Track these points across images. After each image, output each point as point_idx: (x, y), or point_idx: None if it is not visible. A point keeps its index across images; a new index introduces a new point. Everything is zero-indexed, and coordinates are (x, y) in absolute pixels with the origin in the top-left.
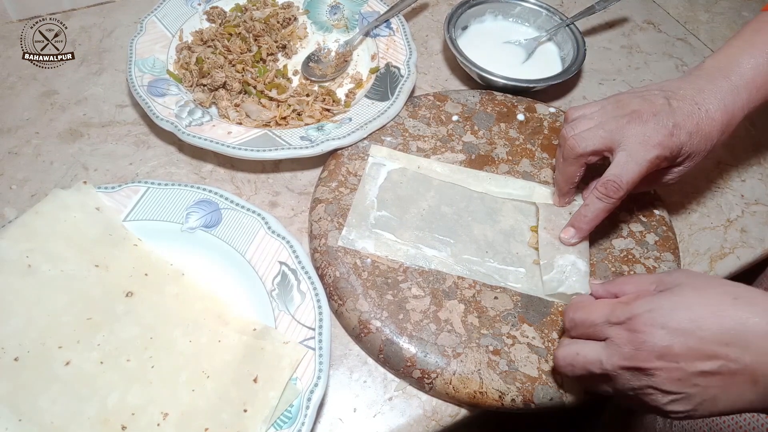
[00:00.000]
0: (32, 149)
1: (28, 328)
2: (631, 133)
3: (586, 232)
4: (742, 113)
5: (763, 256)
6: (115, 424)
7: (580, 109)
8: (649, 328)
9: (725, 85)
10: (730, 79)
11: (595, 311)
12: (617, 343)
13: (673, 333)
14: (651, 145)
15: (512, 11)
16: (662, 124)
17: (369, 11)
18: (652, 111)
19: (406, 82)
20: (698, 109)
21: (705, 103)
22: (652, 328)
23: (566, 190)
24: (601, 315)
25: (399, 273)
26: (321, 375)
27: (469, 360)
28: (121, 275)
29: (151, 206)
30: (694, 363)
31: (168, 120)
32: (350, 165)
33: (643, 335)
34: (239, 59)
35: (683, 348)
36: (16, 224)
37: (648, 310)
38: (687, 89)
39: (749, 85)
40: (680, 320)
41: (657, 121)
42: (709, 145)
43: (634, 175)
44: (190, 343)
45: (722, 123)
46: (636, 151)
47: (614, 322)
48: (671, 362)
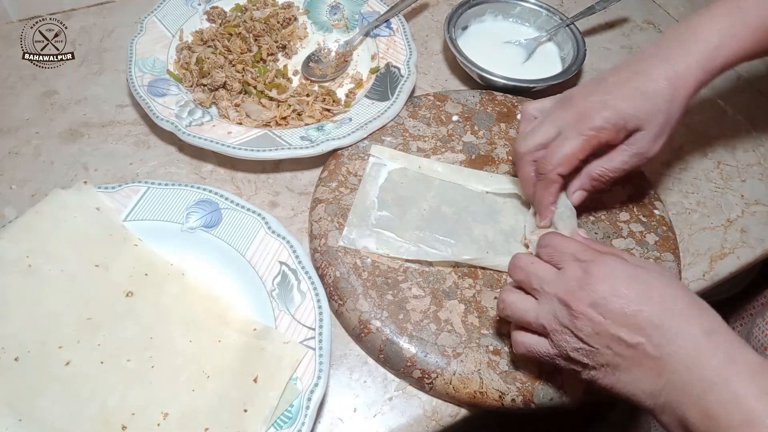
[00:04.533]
0: (32, 149)
1: (28, 328)
2: (565, 117)
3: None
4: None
5: (763, 256)
6: (115, 424)
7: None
8: (601, 277)
9: (676, 48)
10: (682, 43)
11: (571, 243)
12: (567, 275)
13: (617, 293)
14: (584, 119)
15: (512, 11)
16: (596, 99)
17: (369, 11)
18: (587, 93)
19: (406, 82)
20: (636, 75)
21: (647, 69)
22: (604, 278)
23: (529, 191)
24: (574, 248)
25: (399, 273)
26: (321, 375)
27: (469, 360)
28: (121, 275)
29: (152, 206)
30: (618, 328)
31: (168, 120)
32: (350, 165)
33: (592, 279)
34: (239, 59)
35: (617, 309)
36: (16, 224)
37: (610, 265)
38: (630, 63)
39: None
40: (630, 288)
41: (590, 99)
42: (662, 104)
43: (566, 149)
44: (190, 343)
45: (668, 81)
46: (570, 129)
47: (579, 258)
48: (599, 314)
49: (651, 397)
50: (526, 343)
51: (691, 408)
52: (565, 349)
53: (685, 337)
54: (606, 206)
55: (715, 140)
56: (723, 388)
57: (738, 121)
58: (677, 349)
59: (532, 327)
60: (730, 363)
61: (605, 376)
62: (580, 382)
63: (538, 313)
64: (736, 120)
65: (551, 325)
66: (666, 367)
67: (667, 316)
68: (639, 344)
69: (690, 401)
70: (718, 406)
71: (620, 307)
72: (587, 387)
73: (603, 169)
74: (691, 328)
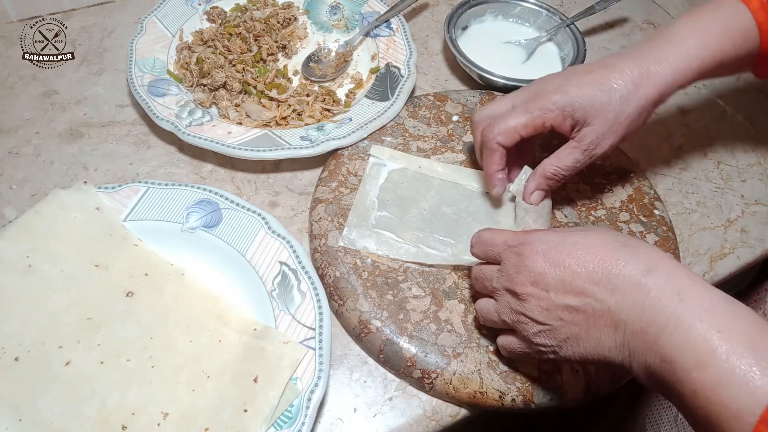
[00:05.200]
0: (32, 149)
1: (28, 328)
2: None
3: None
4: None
5: (763, 256)
6: (115, 424)
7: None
8: (532, 254)
9: (647, 45)
10: (655, 40)
11: (500, 234)
12: (506, 265)
13: (551, 263)
14: (534, 99)
15: (512, 11)
16: (552, 82)
17: (369, 11)
18: (550, 78)
19: (406, 82)
20: (601, 67)
21: (614, 63)
22: (535, 255)
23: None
24: (503, 237)
25: (399, 273)
26: (321, 375)
27: (469, 360)
28: (121, 275)
29: (152, 206)
30: (562, 296)
31: (168, 120)
32: (350, 165)
33: (526, 260)
34: (239, 59)
35: (555, 279)
36: (16, 224)
37: (538, 240)
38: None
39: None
40: (561, 253)
41: (547, 82)
42: (617, 98)
43: (510, 120)
44: (190, 343)
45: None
46: (520, 107)
47: (509, 245)
48: (542, 290)
49: (618, 352)
50: (505, 344)
51: (650, 354)
52: (529, 336)
53: (625, 283)
54: (606, 206)
55: (715, 140)
56: (674, 331)
57: (738, 121)
58: (621, 297)
59: (500, 326)
60: (677, 302)
61: (572, 349)
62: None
63: (498, 310)
64: (736, 120)
65: (510, 318)
66: (618, 317)
67: (602, 268)
68: (586, 305)
69: (647, 347)
70: (671, 350)
71: (557, 276)
72: (587, 386)
73: (556, 168)
74: (627, 272)
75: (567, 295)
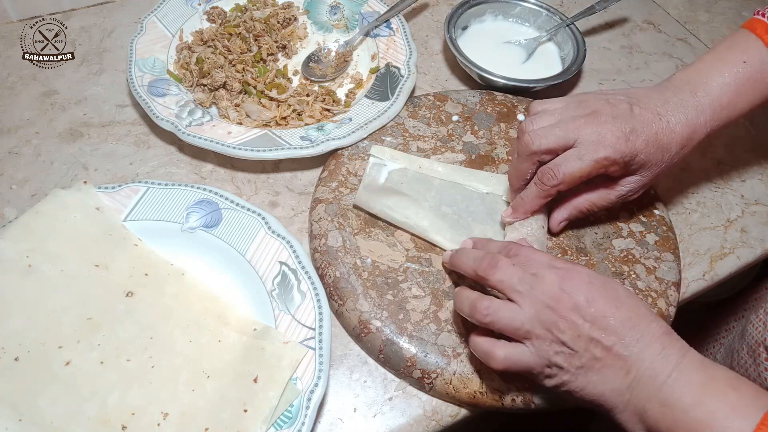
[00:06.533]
0: (32, 149)
1: (28, 328)
2: (586, 132)
3: (522, 215)
4: (704, 130)
5: (763, 256)
6: (115, 424)
7: (544, 104)
8: (577, 284)
9: (690, 100)
10: (696, 94)
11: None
12: (547, 281)
13: (593, 298)
14: (602, 145)
15: (512, 11)
16: (619, 127)
17: (369, 11)
18: (612, 114)
19: (406, 82)
20: (659, 119)
21: (667, 115)
22: (580, 286)
23: (517, 186)
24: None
25: (399, 273)
26: (321, 375)
27: (469, 360)
28: (121, 275)
29: (151, 206)
30: (596, 330)
31: (168, 120)
32: (350, 165)
33: (571, 286)
34: (239, 59)
35: (595, 313)
36: (16, 224)
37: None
38: (653, 98)
39: (714, 104)
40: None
41: (614, 124)
42: (667, 158)
43: (575, 171)
44: (190, 343)
45: (682, 137)
46: (586, 149)
47: (554, 266)
48: (580, 318)
49: (619, 394)
50: (510, 354)
51: (652, 399)
52: (547, 352)
53: (651, 337)
54: None
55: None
56: (677, 378)
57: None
58: (644, 347)
59: (510, 333)
60: (682, 356)
61: (577, 379)
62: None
63: (523, 318)
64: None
65: (535, 330)
66: (634, 365)
67: (635, 320)
68: (613, 345)
69: (651, 392)
70: (672, 394)
71: (597, 312)
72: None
73: (591, 204)
74: (653, 329)
75: (600, 331)
